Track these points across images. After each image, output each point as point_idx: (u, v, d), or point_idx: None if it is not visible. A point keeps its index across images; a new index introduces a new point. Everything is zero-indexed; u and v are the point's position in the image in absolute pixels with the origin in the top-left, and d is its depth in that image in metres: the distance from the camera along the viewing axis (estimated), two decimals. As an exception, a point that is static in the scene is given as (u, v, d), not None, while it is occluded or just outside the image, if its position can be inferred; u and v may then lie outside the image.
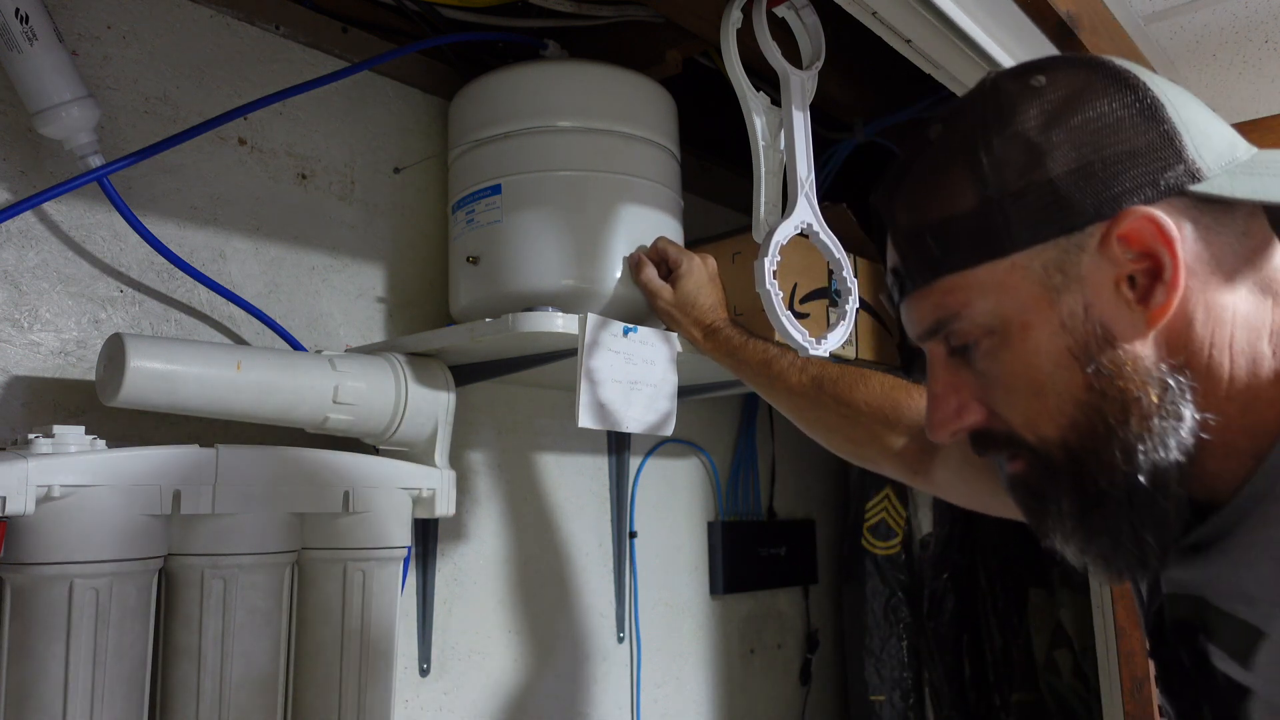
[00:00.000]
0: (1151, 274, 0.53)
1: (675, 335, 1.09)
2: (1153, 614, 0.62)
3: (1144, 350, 0.54)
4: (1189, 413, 0.53)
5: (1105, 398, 0.54)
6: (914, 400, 0.98)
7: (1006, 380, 0.57)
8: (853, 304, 1.09)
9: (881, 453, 0.98)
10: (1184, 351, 0.54)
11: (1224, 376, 0.54)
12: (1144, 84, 0.55)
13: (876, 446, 0.98)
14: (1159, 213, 0.52)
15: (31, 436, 0.79)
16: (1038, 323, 0.56)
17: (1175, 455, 0.53)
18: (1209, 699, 0.56)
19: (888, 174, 0.62)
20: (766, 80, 1.07)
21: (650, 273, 1.09)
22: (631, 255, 1.11)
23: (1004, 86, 0.58)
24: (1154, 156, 0.53)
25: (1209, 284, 0.54)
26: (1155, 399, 0.53)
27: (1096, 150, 0.54)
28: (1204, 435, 0.53)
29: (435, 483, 1.03)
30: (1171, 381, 0.53)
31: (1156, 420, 0.53)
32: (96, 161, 0.92)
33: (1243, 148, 0.56)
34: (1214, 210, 0.54)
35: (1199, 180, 0.53)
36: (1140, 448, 0.53)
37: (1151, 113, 0.54)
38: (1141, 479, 0.53)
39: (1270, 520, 0.52)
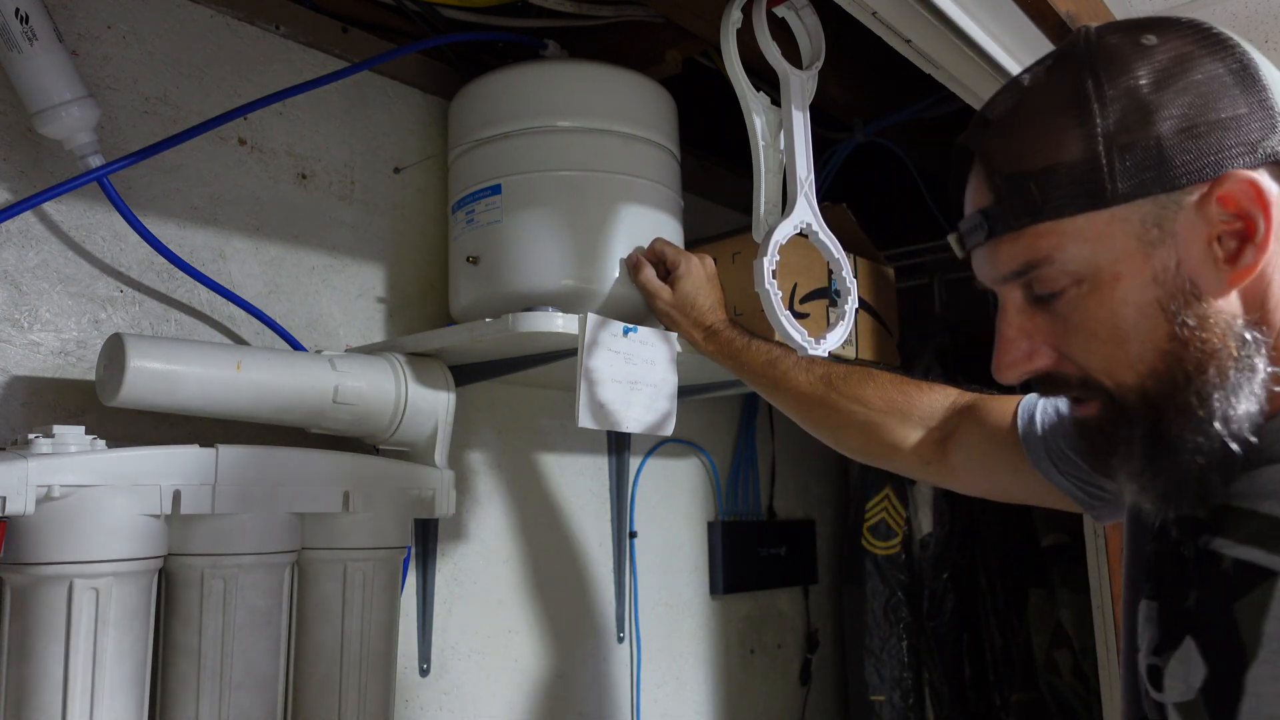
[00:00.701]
0: (1242, 235, 0.56)
1: (675, 335, 1.09)
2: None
3: (1226, 306, 0.57)
4: (1262, 365, 0.57)
5: (1187, 348, 0.57)
6: (924, 393, 0.99)
7: (1090, 327, 0.60)
8: (852, 304, 1.09)
9: (894, 447, 0.99)
10: (1261, 309, 0.58)
11: None
12: (1242, 50, 0.58)
13: (889, 441, 0.99)
14: (1260, 177, 0.55)
15: (31, 436, 0.80)
16: (1129, 274, 0.58)
17: (1247, 405, 0.57)
18: (1200, 585, 0.60)
19: (980, 116, 0.64)
20: (766, 80, 1.07)
21: (649, 273, 1.09)
22: (629, 256, 1.11)
23: (1112, 41, 0.59)
24: (1253, 123, 0.56)
25: None
26: (1234, 352, 0.57)
27: (1202, 113, 0.56)
28: (1276, 388, 0.57)
29: (435, 483, 1.03)
30: (1249, 336, 0.57)
31: (1233, 371, 0.57)
32: (96, 161, 0.92)
33: None
34: None
35: None
36: (1216, 396, 0.57)
37: (1251, 80, 0.57)
38: (1216, 425, 0.57)
39: None
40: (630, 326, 1.03)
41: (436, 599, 1.20)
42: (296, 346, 1.09)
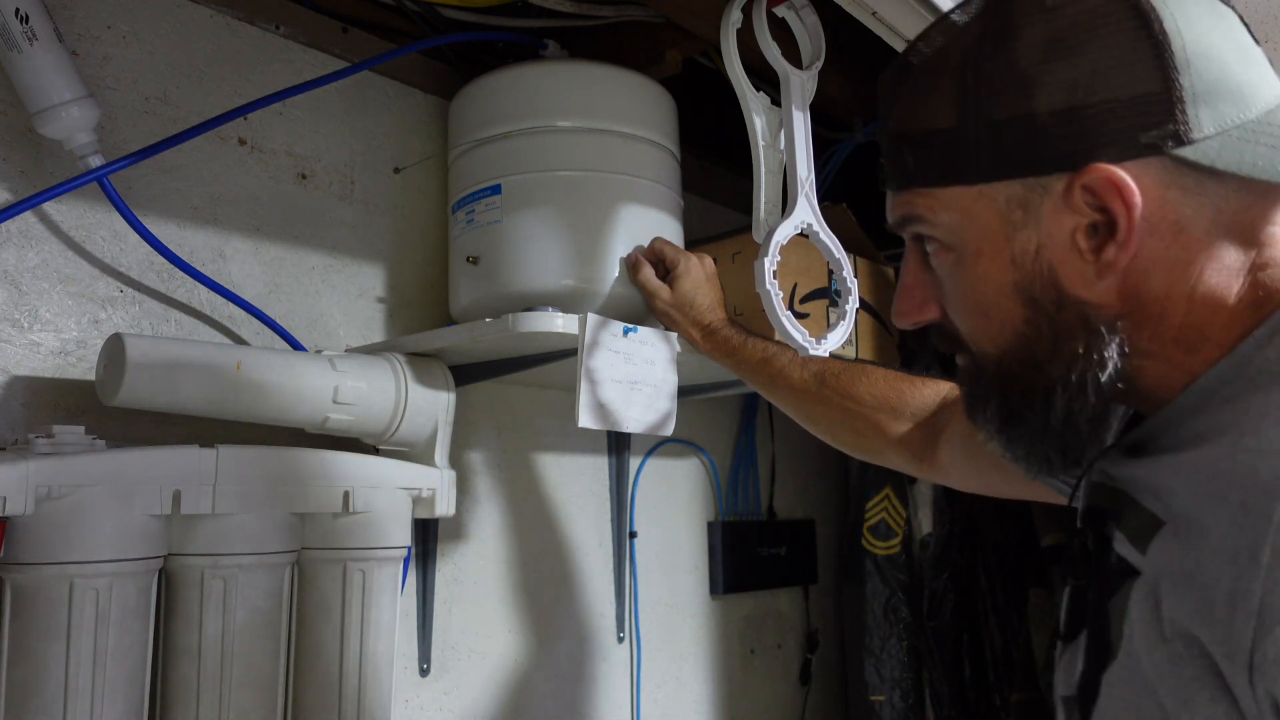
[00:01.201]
0: (1109, 229, 0.53)
1: (675, 335, 1.09)
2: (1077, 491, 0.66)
3: (1087, 296, 0.55)
4: (1113, 364, 0.55)
5: (1039, 335, 0.56)
6: (917, 389, 0.98)
7: (957, 295, 0.60)
8: (853, 304, 1.09)
9: (886, 443, 0.99)
10: (1134, 301, 0.54)
11: (1174, 324, 0.54)
12: (1159, 18, 0.51)
13: (882, 437, 0.99)
14: (1123, 173, 0.51)
15: (31, 436, 0.80)
16: (990, 253, 0.57)
17: (1091, 398, 0.55)
18: (1098, 580, 0.57)
19: (892, 65, 0.61)
20: (766, 80, 1.07)
21: (648, 273, 1.09)
22: (629, 256, 1.11)
23: (986, 27, 0.56)
24: (1143, 110, 0.51)
25: (1175, 243, 0.53)
26: (1082, 348, 0.55)
27: (1088, 94, 0.52)
28: (1134, 379, 0.55)
29: (435, 483, 1.03)
30: (1104, 329, 0.55)
31: (1079, 366, 0.55)
32: (96, 161, 0.92)
33: (1261, 103, 0.53)
34: (1199, 172, 0.52)
35: (1184, 144, 0.51)
36: (1059, 389, 0.56)
37: (1156, 56, 0.51)
38: (1053, 415, 0.56)
39: (1187, 437, 0.53)
40: (630, 326, 1.03)
41: (436, 599, 1.20)
42: (296, 346, 1.09)
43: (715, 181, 1.67)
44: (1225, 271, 0.53)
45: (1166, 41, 0.51)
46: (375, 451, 1.06)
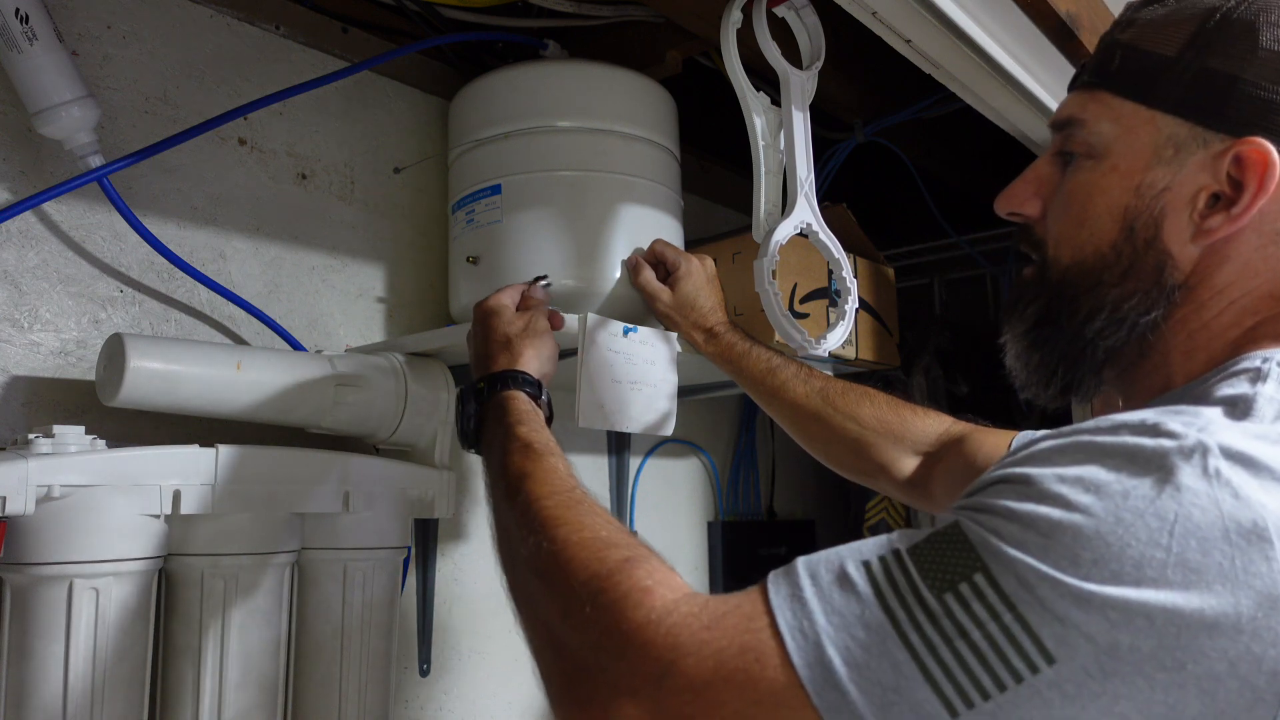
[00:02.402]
0: (1229, 204, 0.56)
1: (675, 335, 1.09)
2: None
3: (1174, 250, 0.58)
4: (1154, 315, 0.58)
5: (1117, 261, 0.59)
6: (919, 418, 0.99)
7: (1069, 196, 0.62)
8: (852, 304, 1.09)
9: (882, 467, 0.99)
10: (1200, 278, 0.58)
11: (1206, 318, 0.58)
12: None
13: (878, 461, 0.99)
14: (1277, 157, 0.55)
15: (31, 436, 0.79)
16: (1124, 170, 0.60)
17: (1124, 333, 0.59)
18: None
19: None
20: (766, 80, 1.07)
21: (648, 275, 1.09)
22: (629, 258, 1.11)
23: None
24: None
25: (1263, 248, 0.57)
26: (1142, 289, 0.59)
27: None
28: (1152, 347, 0.59)
29: (435, 483, 1.03)
30: (1168, 286, 0.58)
31: (1131, 302, 0.59)
32: (96, 161, 0.92)
33: None
34: None
35: None
36: (1105, 311, 0.60)
37: None
38: (1088, 329, 0.60)
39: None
40: (630, 326, 1.03)
41: (436, 599, 1.20)
42: (296, 346, 1.09)
43: (715, 181, 1.67)
44: (1277, 302, 0.57)
45: None
46: (375, 451, 1.06)
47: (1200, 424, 0.45)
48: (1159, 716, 0.41)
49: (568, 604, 0.56)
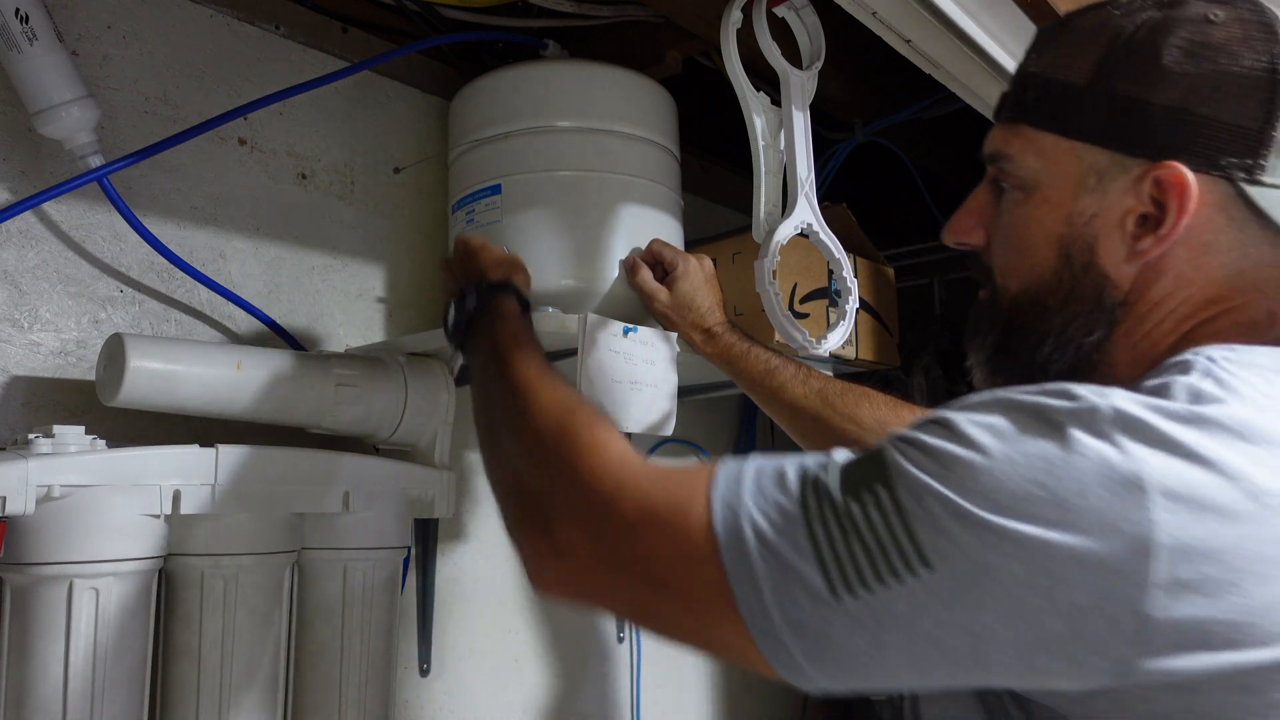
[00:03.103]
0: (1156, 223, 0.58)
1: (675, 335, 1.09)
2: None
3: (1111, 273, 0.61)
4: (1097, 335, 0.61)
5: (1058, 287, 0.62)
6: (916, 417, 0.99)
7: (1007, 229, 0.65)
8: (852, 304, 1.09)
9: None
10: (1138, 294, 0.60)
11: (1147, 328, 0.61)
12: None
13: None
14: (1192, 179, 0.57)
15: (31, 436, 0.79)
16: (1054, 202, 0.62)
17: (1070, 356, 0.62)
18: None
19: (1064, 18, 0.67)
20: (766, 80, 1.07)
21: (646, 275, 1.09)
22: (626, 258, 1.10)
23: (1189, 3, 0.60)
24: (1234, 138, 0.57)
25: (1195, 260, 0.59)
26: (1083, 312, 0.61)
27: (1199, 104, 0.57)
28: (1100, 361, 0.61)
29: (435, 483, 1.03)
30: (1107, 306, 0.61)
31: (1073, 326, 0.62)
32: (96, 161, 0.92)
33: None
34: (1250, 210, 0.57)
35: (1252, 181, 0.57)
36: (1051, 338, 0.62)
37: (1269, 100, 0.56)
38: (1037, 356, 0.63)
39: None
40: (630, 326, 1.03)
41: (436, 599, 1.20)
42: (296, 346, 1.09)
43: (715, 181, 1.67)
44: (1212, 305, 0.59)
45: None
46: (375, 451, 1.06)
47: (1104, 392, 0.49)
48: (1022, 632, 0.45)
49: (535, 449, 0.64)
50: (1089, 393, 0.49)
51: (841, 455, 0.52)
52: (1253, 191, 0.57)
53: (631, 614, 0.58)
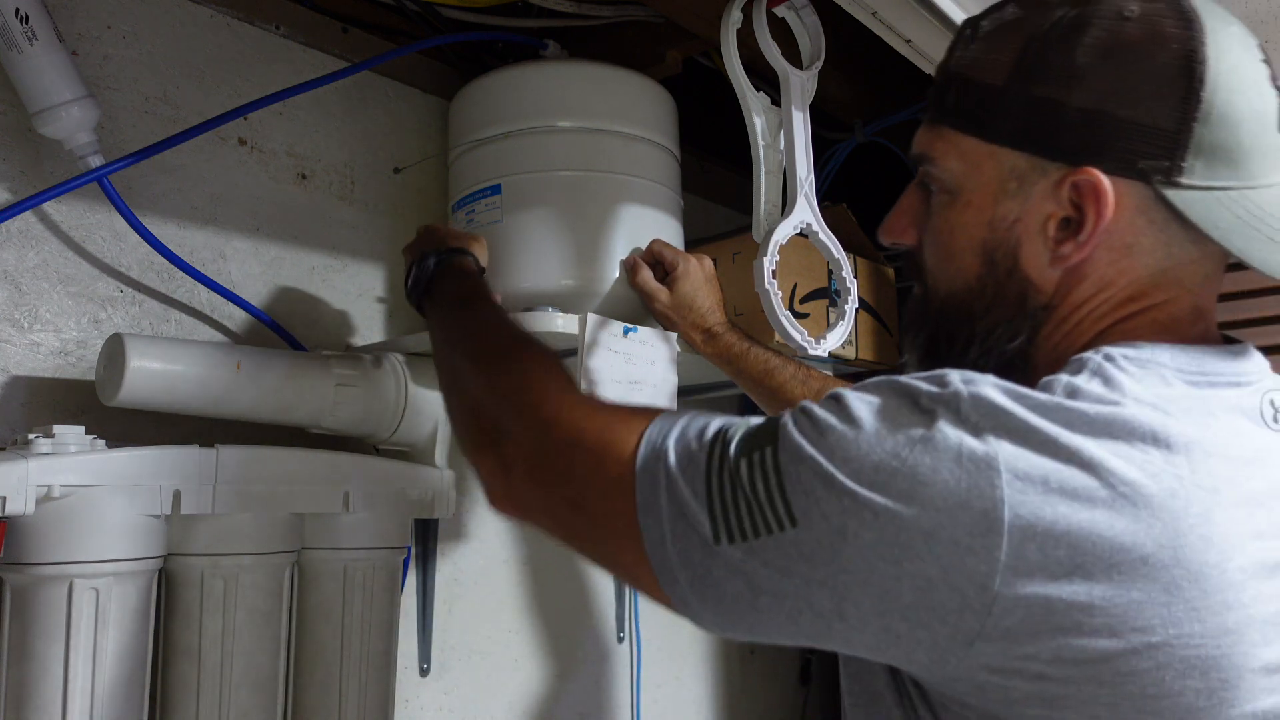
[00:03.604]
0: (1077, 227, 0.58)
1: (675, 335, 1.09)
2: None
3: (1034, 278, 0.61)
4: (1020, 339, 0.62)
5: (983, 292, 0.62)
6: None
7: (936, 233, 0.65)
8: (852, 304, 1.09)
9: None
10: (1061, 297, 0.61)
11: (1066, 329, 0.61)
12: (1206, 72, 0.55)
13: None
14: (1108, 184, 0.56)
15: (31, 436, 0.79)
16: (976, 206, 0.62)
17: (994, 360, 0.62)
18: None
19: (982, 13, 0.66)
20: (766, 80, 1.07)
21: (646, 275, 1.09)
22: (626, 259, 1.10)
23: (1058, 9, 0.59)
24: (1151, 140, 0.55)
25: (1117, 263, 0.59)
26: (1008, 317, 0.62)
27: (1115, 105, 0.56)
28: (1027, 362, 0.62)
29: (435, 483, 1.03)
30: (1030, 310, 0.61)
31: (998, 331, 0.62)
32: (96, 161, 0.92)
33: (1254, 182, 0.56)
34: (1170, 212, 0.57)
35: (1171, 184, 0.55)
36: (977, 342, 0.63)
37: (1184, 100, 0.55)
38: (965, 360, 0.63)
39: None
40: (630, 326, 1.03)
41: (436, 599, 1.20)
42: (296, 346, 1.09)
43: (715, 181, 1.67)
44: (1131, 304, 0.60)
45: (1199, 93, 0.55)
46: (375, 451, 1.06)
47: (973, 379, 0.51)
48: (875, 596, 0.48)
49: (493, 378, 0.70)
50: (959, 379, 0.51)
51: (755, 420, 0.56)
52: (1171, 194, 0.55)
53: (555, 529, 0.63)
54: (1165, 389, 0.53)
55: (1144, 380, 0.53)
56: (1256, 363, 0.60)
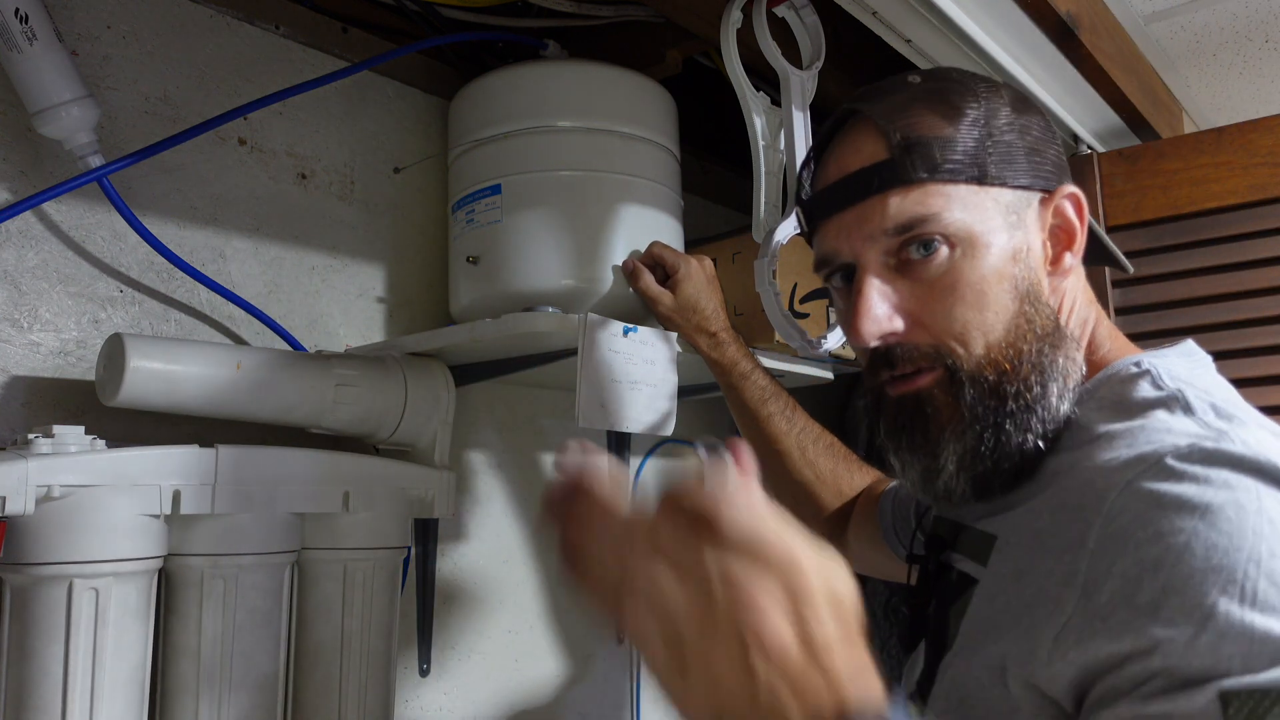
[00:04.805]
0: (1065, 242, 0.67)
1: (675, 335, 1.09)
2: (919, 530, 0.78)
3: (1048, 298, 0.66)
4: (1062, 355, 0.64)
5: (1027, 324, 0.63)
6: (857, 473, 1.06)
7: (958, 289, 0.64)
8: (853, 304, 1.08)
9: (815, 517, 1.04)
10: (1060, 312, 0.67)
11: (1080, 344, 0.67)
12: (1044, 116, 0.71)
13: (814, 508, 1.05)
14: (1082, 194, 0.67)
15: (31, 436, 0.79)
16: (998, 245, 0.64)
17: (1059, 387, 0.63)
18: (938, 594, 0.67)
19: (871, 88, 0.70)
20: (766, 80, 1.07)
21: (648, 279, 1.08)
22: (626, 262, 1.10)
23: (966, 80, 0.70)
24: (1059, 166, 0.69)
25: (1079, 271, 0.70)
26: (1051, 336, 0.64)
27: (1040, 142, 0.68)
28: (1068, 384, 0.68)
29: (435, 483, 1.03)
30: (1055, 324, 0.65)
31: (1049, 351, 0.63)
32: (96, 161, 0.92)
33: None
34: None
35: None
36: (1038, 375, 0.62)
37: (1051, 136, 0.70)
38: (1040, 408, 0.62)
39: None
40: (630, 326, 1.03)
41: (436, 599, 1.20)
42: (296, 346, 1.09)
43: (715, 181, 1.67)
44: (1092, 305, 0.69)
45: (1053, 131, 0.71)
46: (375, 451, 1.06)
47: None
48: None
49: None
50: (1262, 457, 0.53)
51: None
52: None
53: None
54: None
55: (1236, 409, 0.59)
56: None
